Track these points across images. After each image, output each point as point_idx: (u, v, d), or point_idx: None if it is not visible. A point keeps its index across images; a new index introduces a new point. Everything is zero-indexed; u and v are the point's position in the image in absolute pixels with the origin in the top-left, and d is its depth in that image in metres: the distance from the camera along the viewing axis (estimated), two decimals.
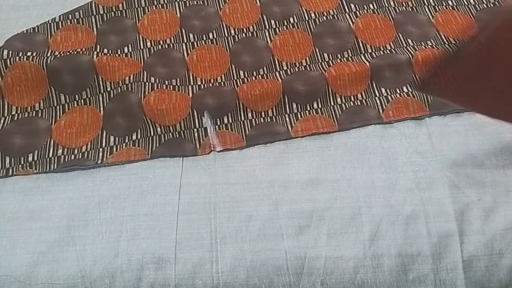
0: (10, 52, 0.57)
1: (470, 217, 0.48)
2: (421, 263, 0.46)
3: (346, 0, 0.65)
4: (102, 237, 0.48)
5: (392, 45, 0.61)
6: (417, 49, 0.59)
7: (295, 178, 0.51)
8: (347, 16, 0.63)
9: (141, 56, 0.61)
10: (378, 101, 0.56)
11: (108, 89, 0.57)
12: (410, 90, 0.57)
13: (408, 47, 0.60)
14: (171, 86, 0.58)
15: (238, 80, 0.58)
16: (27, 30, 0.62)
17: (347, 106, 0.56)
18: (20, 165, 0.52)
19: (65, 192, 0.50)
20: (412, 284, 0.46)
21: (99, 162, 0.52)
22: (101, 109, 0.56)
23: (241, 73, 0.59)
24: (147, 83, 0.57)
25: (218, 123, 0.55)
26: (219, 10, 0.65)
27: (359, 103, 0.56)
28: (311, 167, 0.50)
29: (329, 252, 0.47)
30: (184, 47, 0.62)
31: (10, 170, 0.52)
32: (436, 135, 0.53)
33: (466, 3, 0.65)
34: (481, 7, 0.64)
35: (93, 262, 0.46)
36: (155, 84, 0.57)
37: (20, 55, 0.57)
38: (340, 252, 0.47)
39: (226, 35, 0.63)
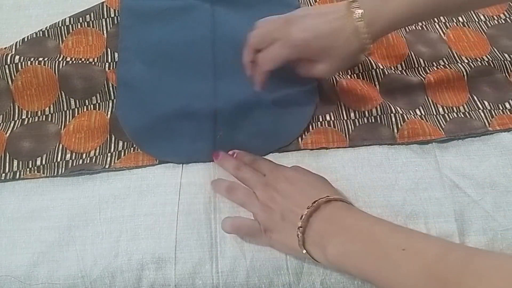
0: (22, 57, 0.56)
1: (470, 217, 0.48)
2: None
3: None
4: (102, 237, 0.48)
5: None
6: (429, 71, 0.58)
7: None
8: None
9: None
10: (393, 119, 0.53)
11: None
12: (423, 113, 0.55)
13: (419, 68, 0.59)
14: None
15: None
16: (36, 33, 0.61)
17: (361, 123, 0.54)
18: (28, 169, 0.52)
19: (65, 192, 0.50)
20: None
21: (106, 166, 0.51)
22: (109, 113, 0.55)
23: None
24: None
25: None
26: None
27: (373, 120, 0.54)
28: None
29: None
30: None
31: (18, 174, 0.51)
32: None
33: (477, 20, 0.64)
34: (492, 24, 0.63)
35: (93, 262, 0.46)
36: None
37: (32, 60, 0.56)
38: None
39: None
